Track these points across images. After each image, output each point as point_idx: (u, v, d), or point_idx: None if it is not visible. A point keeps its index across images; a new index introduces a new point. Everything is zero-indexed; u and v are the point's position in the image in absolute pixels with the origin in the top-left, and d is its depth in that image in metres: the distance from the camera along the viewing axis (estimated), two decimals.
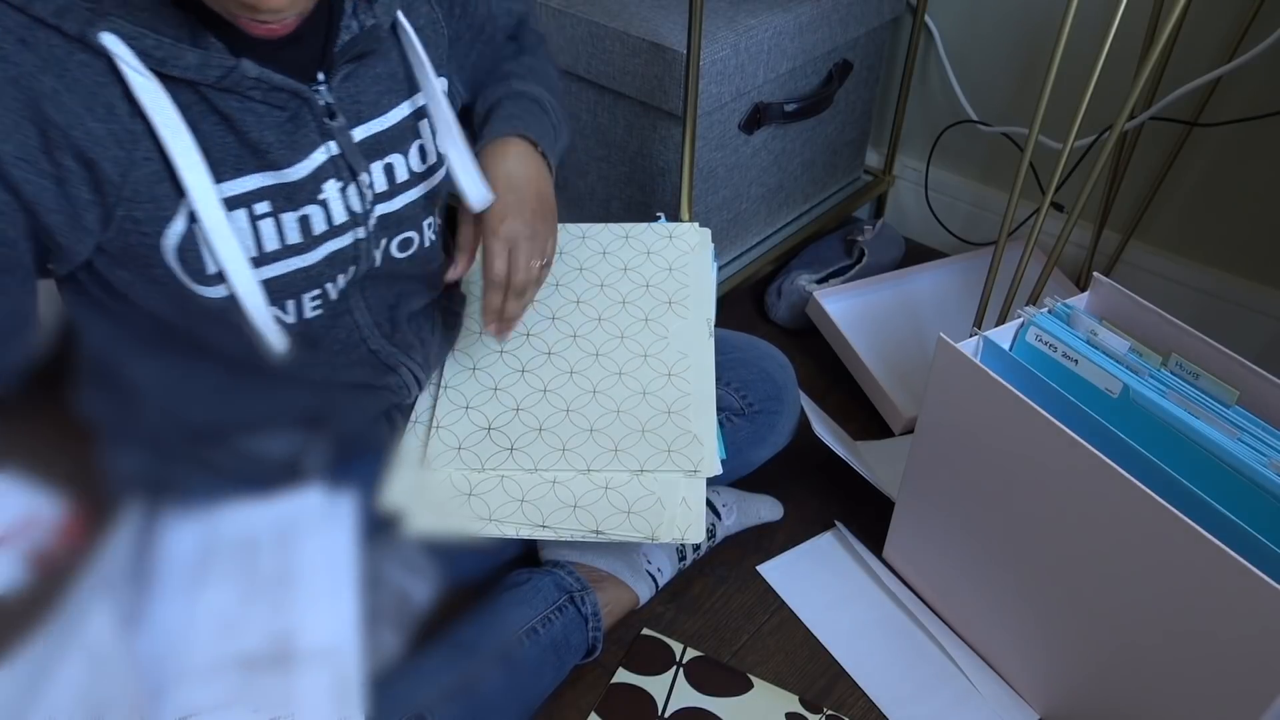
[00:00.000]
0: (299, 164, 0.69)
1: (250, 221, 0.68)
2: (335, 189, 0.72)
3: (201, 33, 0.61)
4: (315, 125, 0.69)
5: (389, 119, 0.75)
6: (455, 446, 0.89)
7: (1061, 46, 0.98)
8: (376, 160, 0.75)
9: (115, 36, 0.58)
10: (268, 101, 0.66)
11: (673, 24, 1.21)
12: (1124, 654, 0.83)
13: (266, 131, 0.66)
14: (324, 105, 0.69)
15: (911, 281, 1.45)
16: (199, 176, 0.64)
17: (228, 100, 0.64)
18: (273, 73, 0.64)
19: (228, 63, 0.62)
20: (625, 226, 1.06)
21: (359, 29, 0.69)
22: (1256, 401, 0.81)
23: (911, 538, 1.05)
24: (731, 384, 1.02)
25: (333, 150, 0.71)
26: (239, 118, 0.65)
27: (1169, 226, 1.39)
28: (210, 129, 0.64)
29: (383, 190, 0.76)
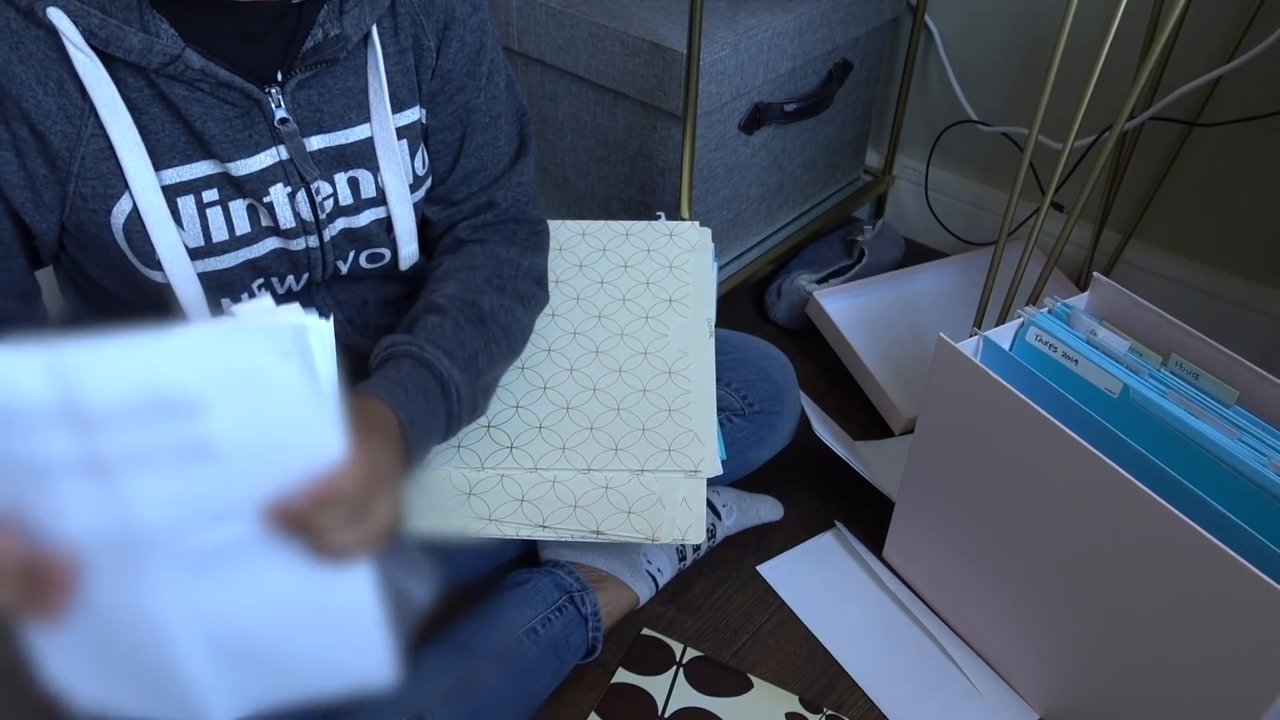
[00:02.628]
0: (245, 160, 0.68)
1: (198, 209, 0.68)
2: (283, 193, 0.71)
3: (152, 16, 0.61)
4: (266, 127, 0.68)
5: (351, 134, 0.73)
6: (454, 445, 0.89)
7: (1061, 46, 0.98)
8: (340, 172, 0.74)
9: (61, 13, 0.58)
10: (217, 95, 0.65)
11: (673, 24, 1.21)
12: (1124, 654, 0.83)
13: (211, 123, 0.65)
14: (275, 108, 0.68)
15: (911, 281, 1.45)
16: (137, 160, 0.63)
17: (174, 87, 0.63)
18: (219, 68, 0.63)
19: (171, 50, 0.61)
20: (625, 224, 1.06)
21: (323, 37, 0.68)
22: (1256, 401, 0.81)
23: (911, 538, 1.05)
24: (732, 384, 1.02)
25: (283, 155, 0.70)
26: (185, 107, 0.64)
27: (1169, 226, 1.39)
28: (158, 113, 0.64)
29: (347, 204, 0.75)
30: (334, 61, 0.69)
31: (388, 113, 0.73)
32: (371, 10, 0.69)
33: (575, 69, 1.29)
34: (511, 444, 0.89)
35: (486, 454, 0.89)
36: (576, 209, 1.45)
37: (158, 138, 0.65)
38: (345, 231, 0.76)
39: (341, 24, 0.68)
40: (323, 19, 0.68)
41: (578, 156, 1.40)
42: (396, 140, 0.75)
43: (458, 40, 0.76)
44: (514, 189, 0.85)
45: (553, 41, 1.29)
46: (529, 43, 1.33)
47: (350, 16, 0.68)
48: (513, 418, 0.91)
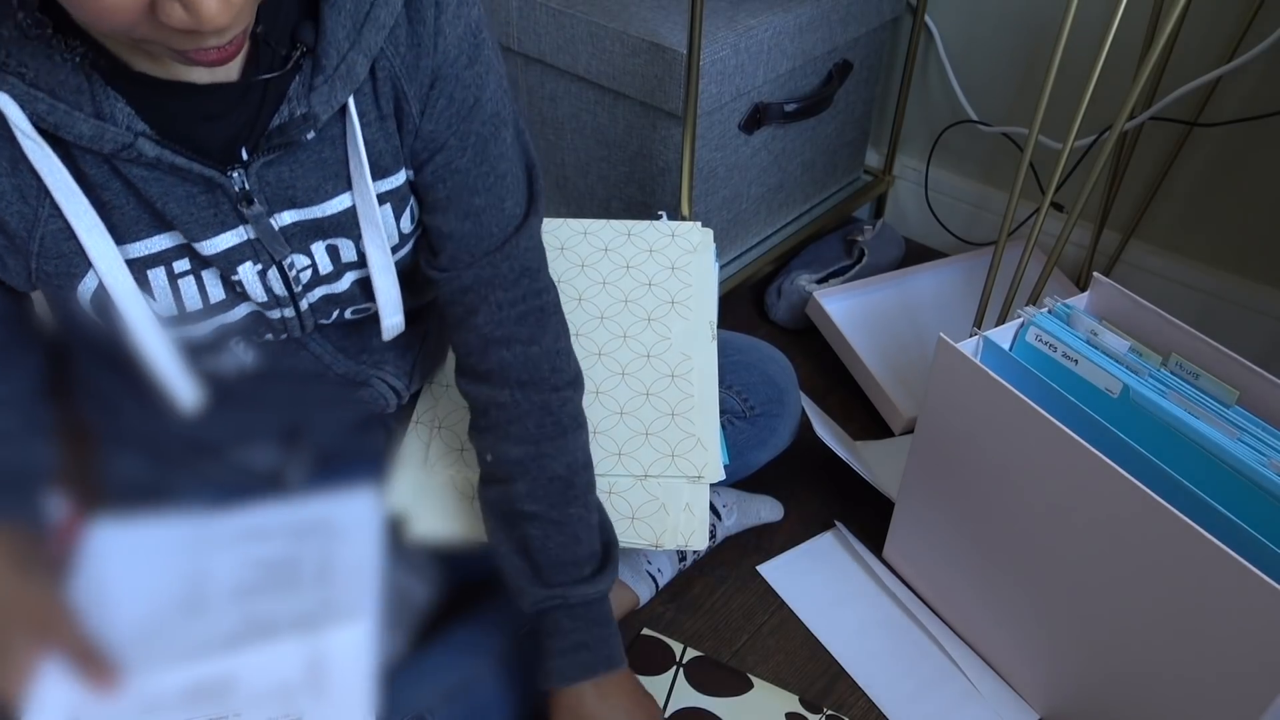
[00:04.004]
0: (210, 240, 0.65)
1: (169, 279, 0.65)
2: (252, 271, 0.68)
3: (106, 96, 0.57)
4: (230, 207, 0.64)
5: (329, 206, 0.68)
6: (458, 448, 0.89)
7: (1061, 47, 0.98)
8: (318, 241, 0.70)
9: (7, 97, 0.55)
10: (176, 174, 0.61)
11: (673, 24, 1.21)
12: (1124, 654, 0.83)
13: (173, 204, 0.62)
14: (239, 190, 0.64)
15: (911, 281, 1.45)
16: (98, 239, 0.61)
17: (132, 169, 0.60)
18: (174, 155, 0.59)
19: (123, 139, 0.58)
20: (627, 224, 1.05)
21: (290, 116, 0.63)
22: (1256, 401, 0.81)
23: (911, 538, 1.05)
24: (733, 387, 1.02)
25: (249, 234, 0.66)
26: (144, 187, 0.61)
27: (1169, 226, 1.39)
28: (119, 189, 0.61)
29: (327, 272, 0.72)
30: (295, 143, 0.64)
31: (369, 185, 0.68)
32: (344, 86, 0.63)
33: (575, 69, 1.29)
34: None
35: None
36: (576, 209, 1.45)
37: (121, 212, 0.62)
38: (326, 297, 0.74)
39: (309, 101, 0.62)
40: (292, 94, 0.63)
41: (578, 156, 1.40)
42: (379, 208, 0.70)
43: (445, 98, 0.68)
44: (521, 255, 0.76)
45: (553, 41, 1.29)
46: (529, 43, 1.33)
47: (319, 94, 0.62)
48: None
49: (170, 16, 0.48)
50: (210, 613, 0.71)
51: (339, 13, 0.62)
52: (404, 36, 0.65)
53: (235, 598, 0.72)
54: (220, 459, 0.80)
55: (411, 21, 0.65)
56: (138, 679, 0.66)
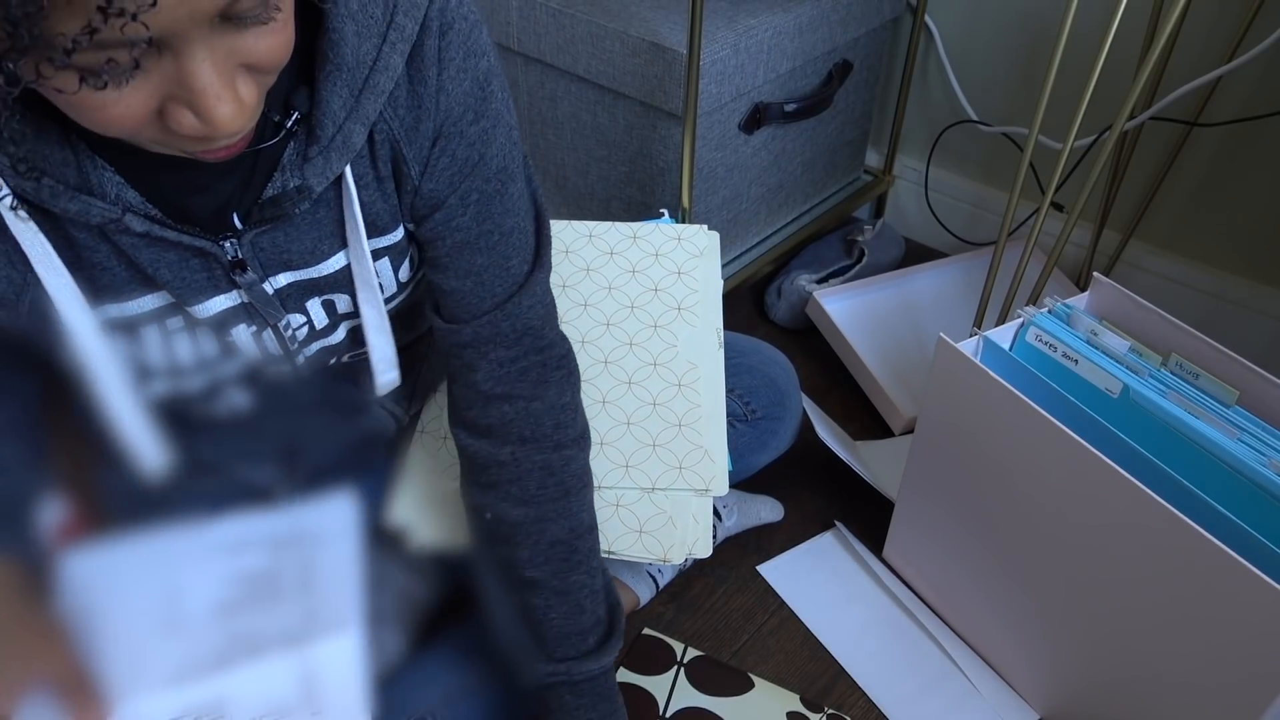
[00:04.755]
0: (202, 305, 0.63)
1: (163, 336, 0.64)
2: (246, 333, 0.67)
3: (94, 165, 0.55)
4: (223, 273, 0.63)
5: (325, 267, 0.67)
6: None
7: (1061, 46, 0.98)
8: (313, 299, 0.68)
9: None
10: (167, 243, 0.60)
11: (673, 24, 1.21)
12: (1124, 654, 0.83)
13: (164, 270, 0.61)
14: (231, 259, 0.62)
15: (911, 281, 1.45)
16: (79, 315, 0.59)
17: (121, 238, 0.58)
18: (162, 229, 0.58)
19: (111, 214, 0.55)
20: (633, 226, 1.04)
21: (283, 188, 0.60)
22: (1256, 401, 0.81)
23: (911, 538, 1.05)
24: (735, 390, 1.01)
25: (242, 298, 0.65)
26: (134, 254, 0.59)
27: (1169, 226, 1.39)
28: (107, 255, 0.59)
29: (323, 326, 0.71)
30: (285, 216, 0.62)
31: (365, 249, 0.66)
32: (339, 157, 0.60)
33: (575, 69, 1.29)
34: None
35: None
36: (577, 209, 1.45)
37: (112, 274, 0.60)
38: (322, 349, 0.73)
39: (303, 174, 0.60)
40: (286, 162, 0.60)
41: (578, 156, 1.40)
42: (376, 263, 0.68)
43: (447, 156, 0.65)
44: (524, 314, 0.73)
45: (553, 41, 1.29)
46: (529, 43, 1.33)
47: (313, 166, 0.60)
48: None
49: (181, 124, 0.47)
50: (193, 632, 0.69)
51: (335, 82, 0.58)
52: (404, 98, 0.62)
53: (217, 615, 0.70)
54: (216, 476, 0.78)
55: (413, 82, 0.61)
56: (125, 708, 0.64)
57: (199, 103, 0.46)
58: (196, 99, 0.46)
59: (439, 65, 0.61)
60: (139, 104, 0.45)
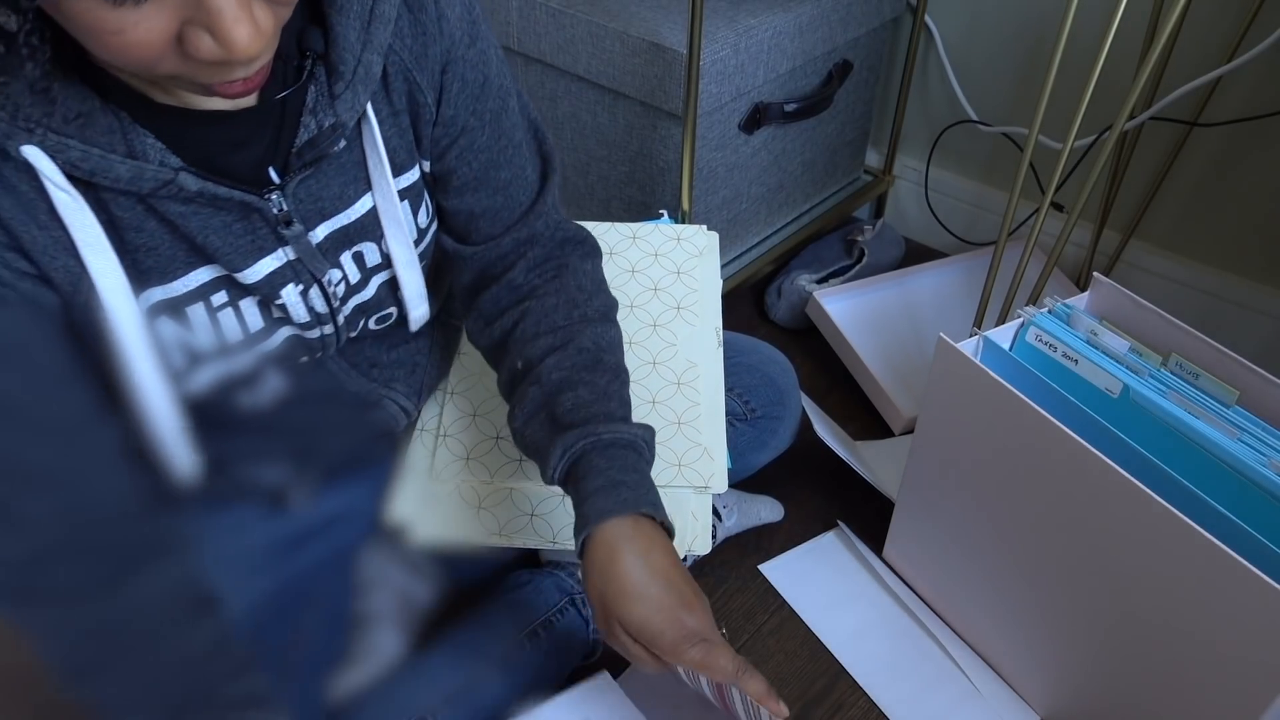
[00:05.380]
0: (251, 268, 0.64)
1: (209, 313, 0.64)
2: (294, 292, 0.68)
3: (137, 133, 0.55)
4: (269, 231, 0.64)
5: (354, 211, 0.68)
6: (463, 457, 0.88)
7: (1061, 46, 0.98)
8: (345, 251, 0.69)
9: (37, 149, 0.52)
10: (215, 207, 0.60)
11: (673, 24, 1.21)
12: (1124, 654, 0.83)
13: (213, 236, 0.61)
14: (278, 213, 0.63)
15: (911, 281, 1.45)
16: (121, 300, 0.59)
17: (169, 205, 0.59)
18: (215, 185, 0.58)
19: (164, 175, 0.56)
20: (633, 227, 1.05)
21: (317, 129, 0.61)
22: (1256, 401, 0.81)
23: (911, 538, 1.05)
24: (735, 389, 1.02)
25: (289, 255, 0.66)
26: (183, 223, 0.60)
27: (1169, 226, 1.39)
28: (154, 229, 0.59)
29: (356, 281, 0.72)
30: (329, 156, 0.64)
31: (390, 184, 0.68)
32: (364, 89, 0.62)
33: (575, 69, 1.29)
34: (521, 457, 0.88)
35: (496, 467, 0.88)
36: (576, 209, 1.45)
37: (157, 253, 0.60)
38: (357, 307, 0.74)
39: (335, 110, 0.61)
40: (312, 106, 0.61)
41: (578, 156, 1.40)
42: (399, 204, 0.70)
43: (458, 81, 0.68)
44: (550, 213, 0.78)
45: (553, 41, 1.29)
46: (529, 43, 1.33)
47: (343, 101, 0.61)
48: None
49: (199, 49, 0.47)
50: None
51: (346, 15, 0.60)
52: (407, 27, 0.64)
53: None
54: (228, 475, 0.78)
55: (412, 10, 0.64)
56: None
57: (217, 24, 0.46)
58: (214, 20, 0.46)
59: None
60: (158, 27, 0.45)
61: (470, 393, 0.93)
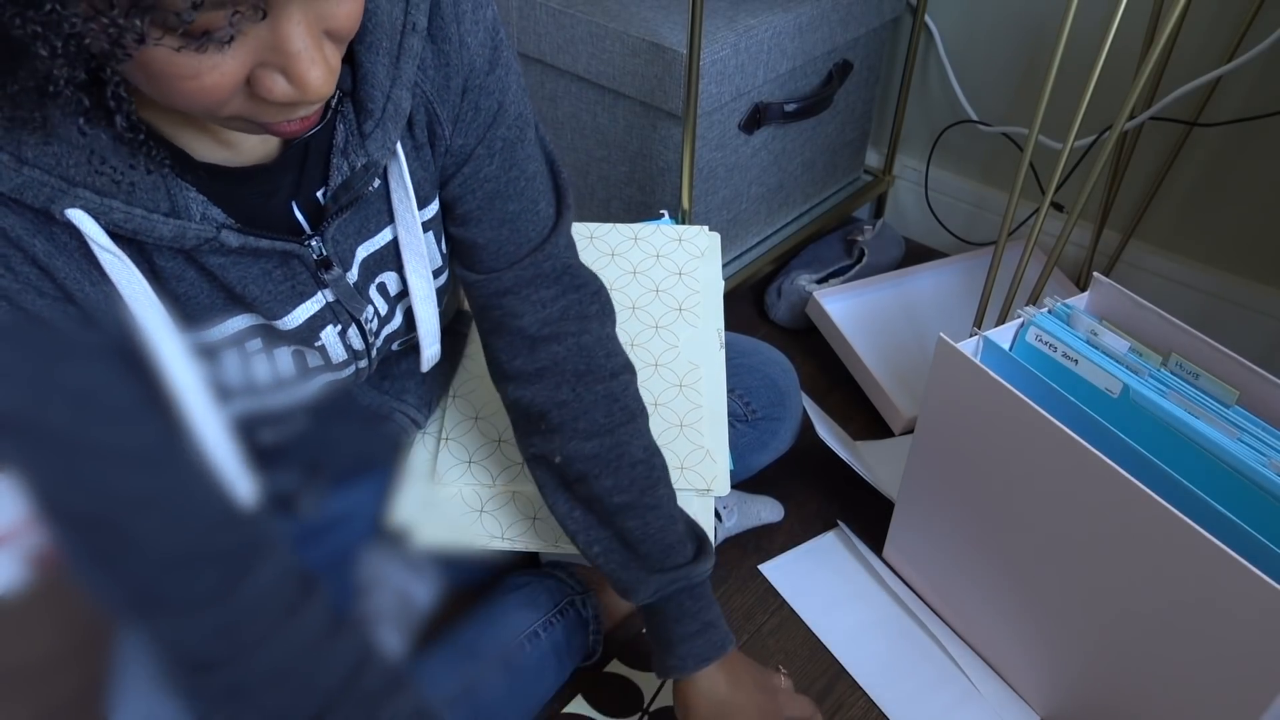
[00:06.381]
0: (290, 315, 0.64)
1: (242, 359, 0.64)
2: (333, 334, 0.67)
3: (179, 188, 0.55)
4: (309, 276, 0.63)
5: (377, 241, 0.67)
6: (465, 460, 0.88)
7: (1061, 46, 0.98)
8: (369, 285, 0.69)
9: (81, 213, 0.51)
10: (255, 255, 0.60)
11: (673, 24, 1.21)
12: (1124, 654, 0.83)
13: (252, 285, 0.61)
14: (317, 259, 0.63)
15: (911, 281, 1.45)
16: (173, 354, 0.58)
17: (210, 258, 0.58)
18: (256, 239, 0.58)
19: (206, 233, 0.55)
20: (634, 227, 1.04)
21: (350, 170, 0.60)
22: (1256, 401, 0.81)
23: (911, 538, 1.05)
24: (736, 390, 1.01)
25: (328, 298, 0.65)
26: (222, 274, 0.59)
27: (1169, 226, 1.39)
28: (192, 282, 0.59)
29: (385, 313, 0.71)
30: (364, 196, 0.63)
31: (415, 217, 0.67)
32: (394, 126, 0.60)
33: (575, 69, 1.29)
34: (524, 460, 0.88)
35: (498, 470, 0.88)
36: (577, 209, 1.45)
37: (195, 302, 0.60)
38: (386, 337, 0.73)
39: (366, 150, 0.60)
40: (342, 146, 0.60)
41: (578, 156, 1.40)
42: (423, 236, 0.69)
43: (472, 109, 0.66)
44: (560, 254, 0.75)
45: (553, 41, 1.29)
46: (529, 43, 1.33)
47: (374, 140, 0.59)
48: None
49: (272, 90, 0.47)
50: None
51: (375, 51, 0.58)
52: (430, 59, 0.62)
53: None
54: None
55: (435, 40, 0.62)
56: None
57: (293, 67, 0.46)
58: (291, 63, 0.46)
59: (457, 21, 0.62)
60: (232, 71, 0.45)
61: (472, 396, 0.93)
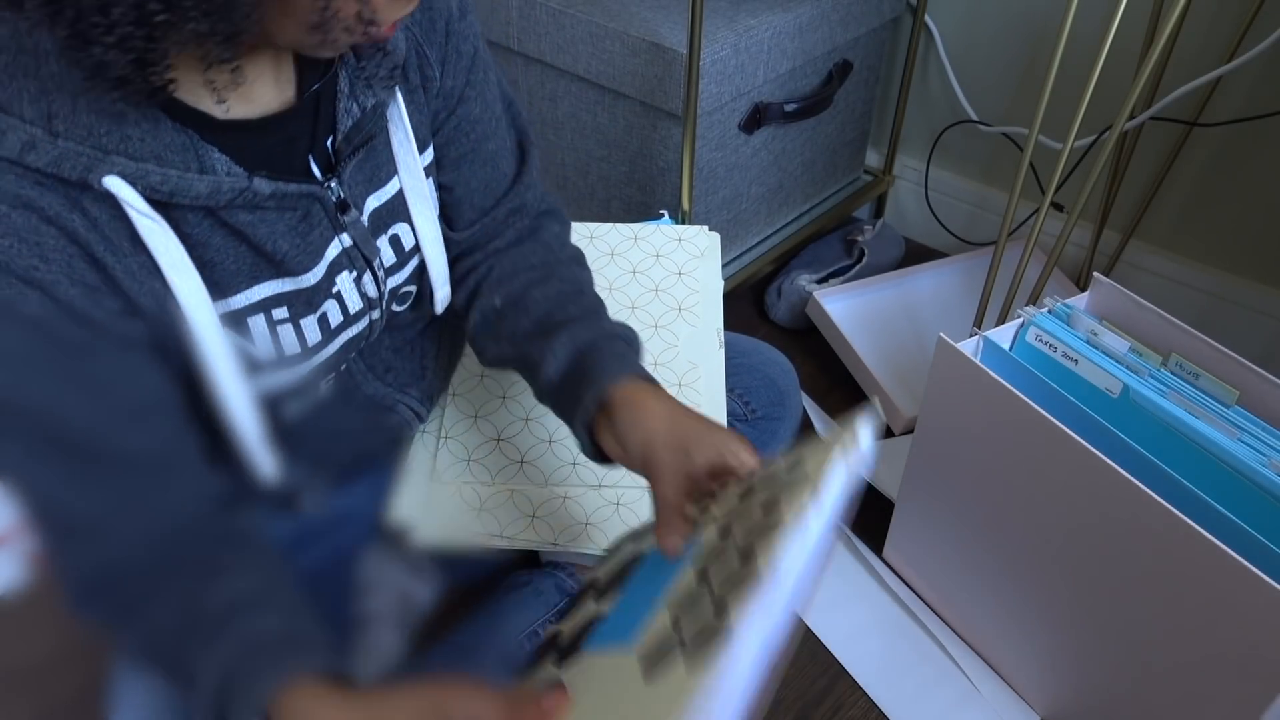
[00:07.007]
0: (315, 267, 0.65)
1: (269, 327, 0.65)
2: (349, 280, 0.69)
3: (205, 150, 0.56)
4: (328, 221, 0.65)
5: (386, 191, 0.69)
6: (464, 459, 0.88)
7: (1061, 46, 0.98)
8: (382, 236, 0.71)
9: (118, 179, 0.53)
10: (281, 207, 0.61)
11: (673, 24, 1.21)
12: (1124, 654, 0.83)
13: (281, 240, 0.62)
14: (336, 201, 0.65)
15: (911, 281, 1.45)
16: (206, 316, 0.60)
17: (238, 216, 0.60)
18: (285, 184, 0.60)
19: (239, 185, 0.57)
20: (634, 227, 1.05)
21: (360, 112, 0.63)
22: (1256, 401, 0.81)
23: (911, 538, 1.05)
24: (735, 390, 1.01)
25: (345, 243, 0.67)
26: (251, 231, 0.60)
27: (1169, 226, 1.39)
28: (223, 243, 0.60)
29: (392, 264, 0.73)
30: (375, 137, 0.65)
31: (416, 161, 0.69)
32: (394, 66, 0.64)
33: (575, 69, 1.29)
34: (522, 459, 0.88)
35: (497, 469, 0.88)
36: (576, 209, 1.45)
37: (221, 268, 0.61)
38: (393, 290, 0.74)
39: (373, 91, 0.63)
40: (348, 91, 0.63)
41: (578, 156, 1.40)
42: (426, 181, 0.71)
43: (455, 53, 0.71)
44: (536, 184, 0.80)
45: (553, 41, 1.29)
46: (529, 43, 1.33)
47: (380, 81, 0.63)
48: (522, 431, 0.90)
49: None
50: None
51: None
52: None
53: None
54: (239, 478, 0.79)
55: None
56: None
57: None
58: None
59: None
60: None
61: (471, 395, 0.93)
